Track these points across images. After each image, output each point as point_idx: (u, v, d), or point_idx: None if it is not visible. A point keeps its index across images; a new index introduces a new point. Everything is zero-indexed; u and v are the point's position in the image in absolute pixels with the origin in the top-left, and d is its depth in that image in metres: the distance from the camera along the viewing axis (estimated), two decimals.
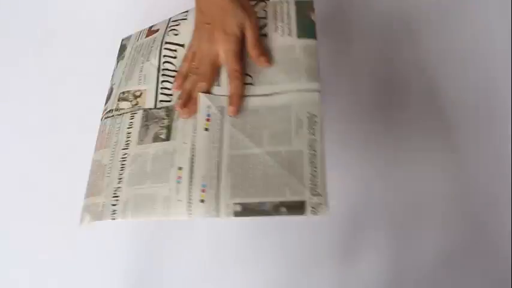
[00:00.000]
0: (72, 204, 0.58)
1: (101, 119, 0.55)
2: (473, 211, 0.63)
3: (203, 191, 0.44)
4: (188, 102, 0.49)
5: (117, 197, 0.47)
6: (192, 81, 0.50)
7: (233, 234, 0.63)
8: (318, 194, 0.42)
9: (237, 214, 0.43)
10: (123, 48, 0.61)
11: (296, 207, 0.42)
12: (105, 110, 0.55)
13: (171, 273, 0.63)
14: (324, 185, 0.43)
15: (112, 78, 0.58)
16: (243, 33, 0.50)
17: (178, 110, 0.49)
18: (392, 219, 0.63)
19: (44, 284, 0.64)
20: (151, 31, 0.59)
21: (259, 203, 0.43)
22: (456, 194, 0.63)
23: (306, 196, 0.42)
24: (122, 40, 0.63)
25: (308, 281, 0.61)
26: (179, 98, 0.50)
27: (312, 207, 0.42)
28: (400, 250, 0.62)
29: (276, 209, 0.42)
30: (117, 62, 0.60)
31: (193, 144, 0.47)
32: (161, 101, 0.52)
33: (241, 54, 0.50)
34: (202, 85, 0.49)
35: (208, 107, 0.48)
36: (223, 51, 0.49)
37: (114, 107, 0.54)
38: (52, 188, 0.67)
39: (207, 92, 0.49)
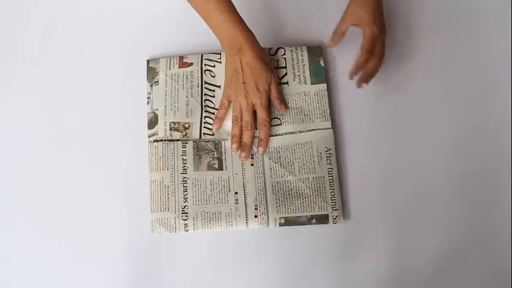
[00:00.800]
0: (71, 206, 0.66)
1: (149, 142, 0.66)
2: (473, 210, 0.64)
3: (255, 209, 0.62)
4: (240, 145, 0.65)
5: (186, 213, 0.62)
6: (239, 128, 0.64)
7: (233, 235, 0.64)
8: (336, 209, 0.63)
9: (281, 225, 0.62)
10: (152, 71, 0.69)
11: (322, 219, 0.62)
12: (153, 134, 0.66)
13: (170, 277, 0.64)
14: (340, 202, 0.63)
15: (152, 103, 0.67)
16: (269, 87, 0.64)
17: (234, 151, 0.65)
18: (393, 219, 0.64)
19: (44, 284, 0.65)
20: (183, 62, 0.69)
21: (297, 216, 0.62)
22: (456, 194, 0.65)
23: (329, 211, 0.62)
24: (148, 62, 0.70)
25: (308, 281, 0.62)
26: (232, 142, 0.65)
27: (333, 218, 0.62)
28: (400, 250, 0.63)
29: (308, 220, 0.62)
30: (151, 85, 0.68)
31: (243, 175, 0.64)
32: (205, 133, 0.66)
33: (268, 104, 0.65)
34: (250, 133, 0.64)
35: (252, 148, 0.65)
36: (256, 104, 0.64)
37: (166, 136, 0.65)
38: (52, 189, 0.67)
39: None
